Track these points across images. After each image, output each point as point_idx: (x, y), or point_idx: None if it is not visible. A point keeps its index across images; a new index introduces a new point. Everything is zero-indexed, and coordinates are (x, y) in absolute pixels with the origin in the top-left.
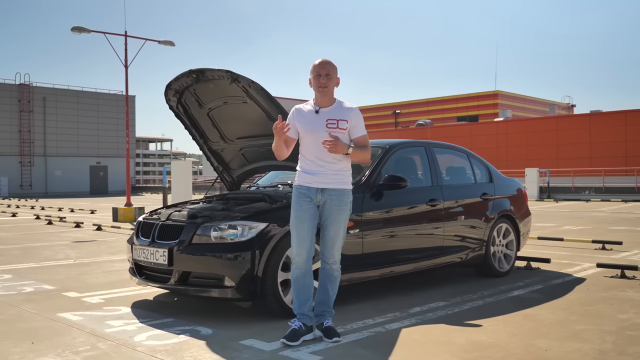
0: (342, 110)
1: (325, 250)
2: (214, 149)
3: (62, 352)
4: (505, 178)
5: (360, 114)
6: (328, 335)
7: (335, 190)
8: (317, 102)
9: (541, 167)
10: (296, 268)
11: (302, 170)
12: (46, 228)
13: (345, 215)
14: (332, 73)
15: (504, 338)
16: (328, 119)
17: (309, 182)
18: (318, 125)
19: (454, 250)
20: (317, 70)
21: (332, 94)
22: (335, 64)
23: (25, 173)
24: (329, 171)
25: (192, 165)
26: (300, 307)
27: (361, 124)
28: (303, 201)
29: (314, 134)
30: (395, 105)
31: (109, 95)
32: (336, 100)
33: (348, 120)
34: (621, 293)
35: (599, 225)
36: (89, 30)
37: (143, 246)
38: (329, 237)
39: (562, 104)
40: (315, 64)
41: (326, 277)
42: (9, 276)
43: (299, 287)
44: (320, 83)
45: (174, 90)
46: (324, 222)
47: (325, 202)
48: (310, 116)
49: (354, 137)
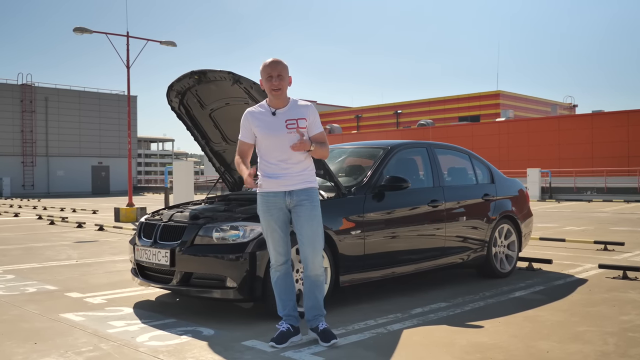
0: (299, 109)
1: (307, 256)
2: (216, 149)
3: (65, 353)
4: (506, 179)
5: (316, 111)
6: (325, 339)
7: (304, 190)
8: (271, 104)
9: (543, 168)
10: (275, 270)
11: (264, 175)
12: (48, 228)
13: (318, 212)
14: (284, 73)
15: (505, 339)
16: (287, 119)
17: (275, 187)
18: (277, 127)
19: (455, 251)
20: (268, 71)
21: (285, 94)
22: (286, 63)
23: (28, 173)
24: (293, 172)
25: (194, 166)
26: (285, 308)
27: (318, 121)
28: (272, 208)
29: (274, 136)
30: (397, 105)
31: (110, 95)
32: (290, 100)
33: (306, 118)
34: (623, 294)
35: (601, 226)
36: (91, 31)
37: (145, 247)
38: (307, 237)
39: (564, 104)
40: (265, 64)
41: (312, 284)
42: (11, 276)
43: (281, 289)
44: (273, 85)
45: (175, 92)
46: (298, 224)
47: (296, 203)
48: (267, 119)
49: (312, 135)
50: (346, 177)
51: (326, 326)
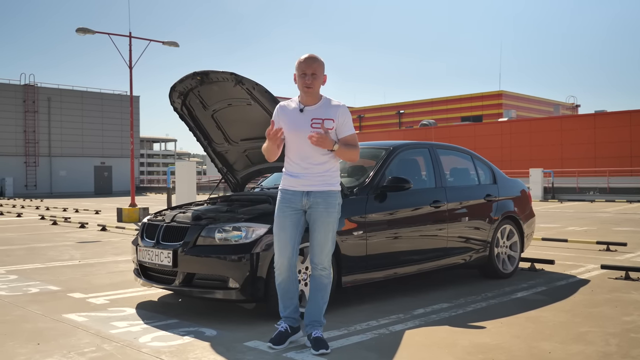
0: (329, 108)
1: (314, 255)
2: (218, 150)
3: (68, 353)
4: (509, 179)
5: (348, 112)
6: (315, 347)
7: (322, 193)
8: (302, 100)
9: (545, 168)
10: (279, 275)
11: (287, 173)
12: (51, 228)
13: (334, 218)
14: (319, 72)
15: (507, 340)
16: (313, 118)
17: (294, 186)
18: (302, 125)
19: (457, 251)
20: (303, 68)
21: (317, 92)
22: (323, 60)
23: (30, 173)
24: (314, 173)
25: (196, 166)
26: (286, 309)
27: (349, 122)
28: (286, 207)
29: (297, 133)
30: (399, 106)
31: (113, 95)
32: (322, 98)
33: (334, 119)
34: (625, 295)
35: (603, 226)
36: (93, 32)
37: (148, 247)
38: (317, 242)
39: (567, 104)
40: (301, 60)
41: (315, 284)
42: (14, 277)
43: (283, 293)
44: (305, 83)
45: (178, 92)
46: (311, 227)
47: (312, 205)
48: (294, 114)
49: (341, 136)
50: (348, 178)
51: (320, 335)
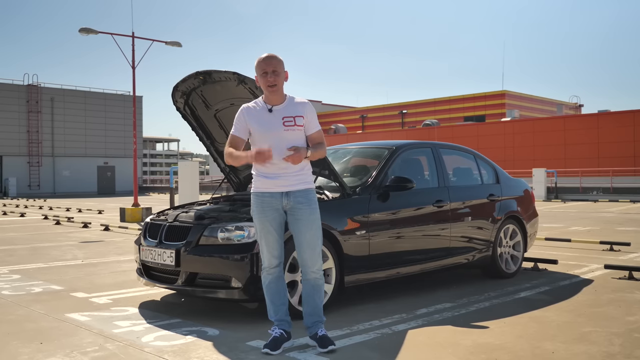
0: (296, 106)
1: (306, 259)
2: (221, 150)
3: (71, 353)
4: (512, 179)
5: (313, 108)
6: (322, 345)
7: (301, 192)
8: (267, 101)
9: (549, 168)
10: (267, 274)
11: (260, 175)
12: (54, 228)
13: (317, 215)
14: (279, 68)
15: (510, 340)
16: (284, 116)
17: (270, 187)
18: (274, 125)
19: (460, 251)
20: (263, 67)
21: (282, 90)
22: (281, 58)
23: (34, 173)
24: (291, 173)
25: (199, 166)
26: (277, 313)
27: (315, 118)
28: (268, 209)
29: (271, 134)
30: (402, 105)
31: (116, 95)
32: (287, 97)
33: (304, 115)
34: (629, 295)
35: (606, 226)
36: (96, 32)
37: (150, 247)
38: (307, 242)
39: (570, 104)
40: (260, 60)
41: (311, 287)
42: (17, 276)
43: (273, 293)
44: (268, 81)
45: (181, 92)
46: (296, 228)
47: (294, 205)
48: (263, 115)
49: (309, 134)
50: (351, 178)
51: (325, 333)
